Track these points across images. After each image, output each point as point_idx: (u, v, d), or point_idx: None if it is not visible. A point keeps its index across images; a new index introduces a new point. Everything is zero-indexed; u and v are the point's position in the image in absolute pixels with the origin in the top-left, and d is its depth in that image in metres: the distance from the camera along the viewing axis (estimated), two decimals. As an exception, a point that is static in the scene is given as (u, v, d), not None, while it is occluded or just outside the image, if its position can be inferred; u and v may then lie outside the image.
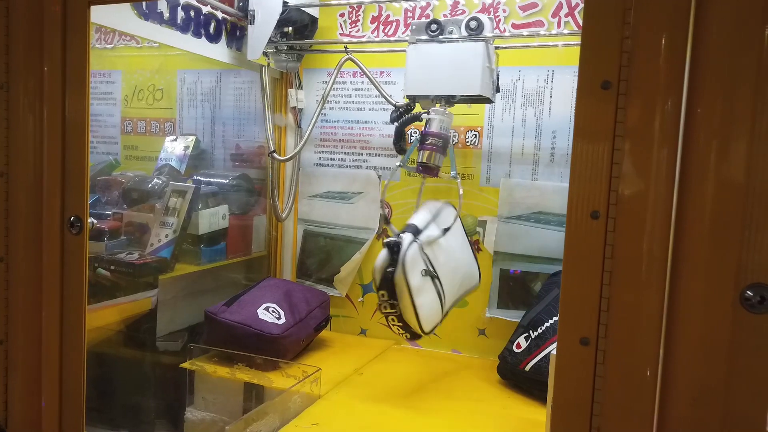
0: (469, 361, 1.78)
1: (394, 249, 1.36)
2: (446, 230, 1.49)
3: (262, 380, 1.49)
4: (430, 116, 1.50)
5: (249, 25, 1.75)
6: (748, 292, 0.74)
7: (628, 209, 0.79)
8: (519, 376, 1.53)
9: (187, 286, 1.73)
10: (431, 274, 1.41)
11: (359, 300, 1.96)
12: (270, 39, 1.75)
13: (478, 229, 1.80)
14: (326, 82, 1.95)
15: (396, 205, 1.89)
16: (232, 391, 1.56)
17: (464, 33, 1.48)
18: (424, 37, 1.52)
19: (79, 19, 1.11)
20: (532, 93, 1.73)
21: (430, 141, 1.49)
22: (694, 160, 0.76)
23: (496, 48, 1.55)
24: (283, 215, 1.98)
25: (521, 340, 1.57)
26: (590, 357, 0.82)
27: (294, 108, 1.93)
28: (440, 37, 1.50)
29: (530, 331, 1.56)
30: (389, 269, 1.35)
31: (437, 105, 1.52)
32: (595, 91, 0.79)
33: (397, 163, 1.60)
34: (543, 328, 1.54)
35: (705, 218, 0.76)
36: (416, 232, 1.41)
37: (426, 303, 1.38)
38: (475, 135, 1.79)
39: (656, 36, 0.76)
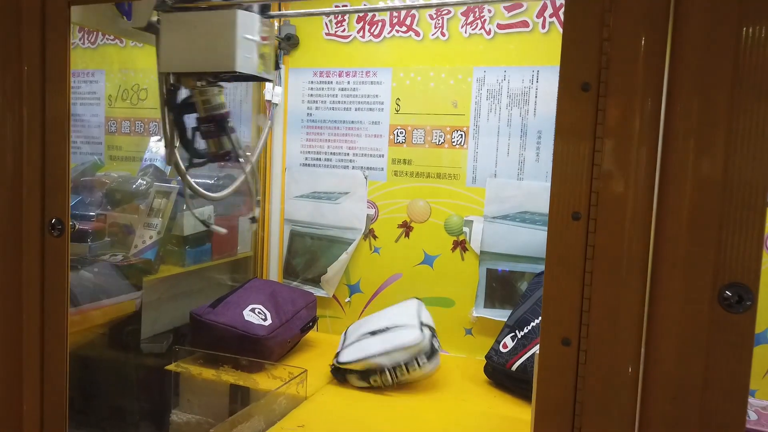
0: (455, 360, 1.78)
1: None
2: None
3: (248, 382, 1.49)
4: (196, 99, 1.32)
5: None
6: (727, 291, 0.75)
7: (608, 210, 0.79)
8: (505, 376, 1.54)
9: (172, 287, 1.72)
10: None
11: (346, 300, 1.96)
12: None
13: (465, 228, 1.80)
14: (312, 82, 1.95)
15: (382, 206, 1.89)
16: (218, 393, 1.56)
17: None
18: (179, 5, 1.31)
19: (60, 19, 1.10)
20: (518, 93, 1.73)
21: (203, 129, 1.34)
22: (673, 160, 0.77)
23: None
24: (268, 216, 1.98)
25: (507, 339, 1.58)
26: (572, 357, 0.82)
27: (269, 102, 1.92)
28: (197, 3, 1.29)
29: (516, 331, 1.57)
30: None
31: (200, 84, 1.32)
32: (576, 93, 0.79)
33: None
34: (529, 327, 1.55)
35: (683, 218, 0.77)
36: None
37: None
38: (461, 135, 1.79)
39: (635, 38, 0.76)
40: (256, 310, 1.63)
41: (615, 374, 0.80)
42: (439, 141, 1.81)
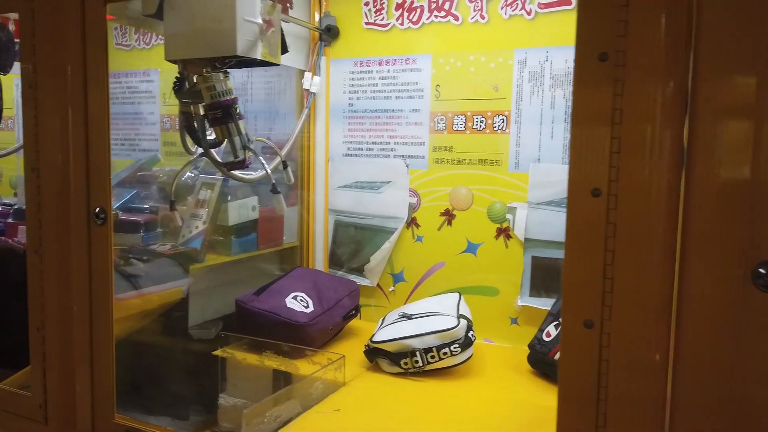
0: (500, 350, 1.74)
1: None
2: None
3: (289, 367, 1.52)
4: (201, 86, 1.29)
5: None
6: (761, 269, 0.70)
7: (630, 185, 0.75)
8: (548, 365, 1.50)
9: (219, 276, 1.78)
10: None
11: (390, 290, 1.96)
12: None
13: (508, 216, 1.76)
14: (353, 72, 1.96)
15: (424, 194, 1.88)
16: (262, 378, 1.60)
17: None
18: None
19: (97, 19, 1.16)
20: (561, 74, 1.67)
21: (210, 116, 1.31)
22: (701, 131, 0.72)
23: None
24: (312, 206, 2.00)
25: (551, 328, 1.53)
26: (595, 340, 0.79)
27: (307, 91, 1.94)
28: None
29: (560, 319, 1.52)
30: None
31: (205, 71, 1.28)
32: (593, 64, 0.76)
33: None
34: (573, 315, 1.50)
35: (713, 192, 0.72)
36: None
37: None
38: (503, 120, 1.75)
39: (654, 3, 0.72)
40: (298, 298, 1.66)
41: (641, 358, 0.77)
42: (480, 127, 1.78)
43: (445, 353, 1.46)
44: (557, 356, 1.46)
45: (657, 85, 0.73)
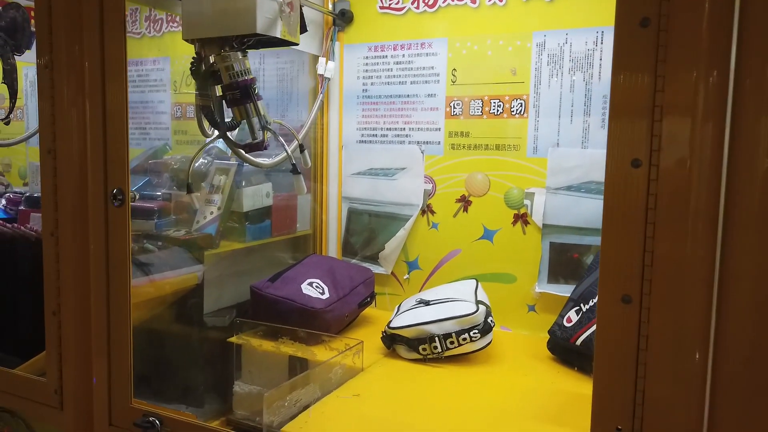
0: (518, 337, 1.72)
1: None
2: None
3: (306, 353, 1.50)
4: (218, 66, 1.27)
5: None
6: (810, 240, 0.67)
7: (672, 155, 0.73)
8: (569, 351, 1.48)
9: (234, 264, 1.76)
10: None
11: (405, 277, 1.94)
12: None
13: (526, 201, 1.74)
14: (367, 57, 1.93)
15: (440, 180, 1.85)
16: (278, 365, 1.58)
17: None
18: None
19: (115, 11, 1.13)
20: (581, 57, 1.64)
21: (228, 96, 1.29)
22: (747, 99, 0.69)
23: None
24: (326, 195, 1.98)
25: (572, 314, 1.51)
26: (634, 315, 0.76)
27: (321, 76, 1.91)
28: None
29: (581, 305, 1.50)
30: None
31: (223, 50, 1.26)
32: (634, 29, 0.73)
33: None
34: (594, 300, 1.47)
35: (759, 162, 0.69)
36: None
37: None
38: (521, 104, 1.72)
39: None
40: (314, 284, 1.64)
41: (681, 334, 0.74)
42: (498, 111, 1.75)
43: (464, 339, 1.44)
44: (579, 341, 1.44)
45: (702, 48, 0.70)
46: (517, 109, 1.73)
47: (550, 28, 1.66)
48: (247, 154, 1.39)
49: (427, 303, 1.54)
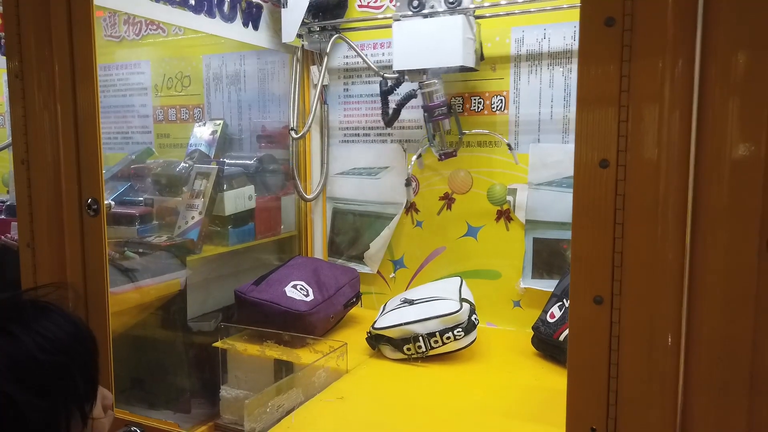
0: (503, 333, 1.73)
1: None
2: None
3: (291, 356, 1.49)
4: (425, 90, 1.65)
5: (282, 9, 1.76)
6: (776, 239, 0.67)
7: (639, 155, 0.72)
8: (553, 347, 1.48)
9: (218, 267, 1.75)
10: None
11: (391, 276, 1.93)
12: (303, 21, 1.77)
13: (508, 197, 1.74)
14: (347, 56, 1.92)
15: (423, 178, 1.85)
16: (264, 368, 1.57)
17: (444, 7, 1.57)
18: (408, 14, 1.61)
19: (83, 12, 1.12)
20: (559, 51, 1.64)
21: (437, 112, 1.65)
22: (713, 96, 0.69)
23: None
24: (311, 195, 1.97)
25: (555, 309, 1.51)
26: (605, 316, 0.76)
27: (317, 85, 1.91)
28: (423, 12, 1.59)
29: (564, 300, 1.50)
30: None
31: (424, 77, 1.64)
32: (599, 29, 0.73)
33: (421, 150, 1.79)
34: (577, 296, 1.47)
35: (725, 161, 0.69)
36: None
37: None
38: (501, 100, 1.72)
39: (661, -39, 0.69)
40: (298, 287, 1.63)
41: (653, 334, 0.74)
42: (479, 108, 1.75)
43: (448, 338, 1.44)
44: (562, 337, 1.44)
45: (666, 46, 0.70)
46: (497, 106, 1.73)
47: (529, 23, 1.66)
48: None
49: (411, 302, 1.53)
